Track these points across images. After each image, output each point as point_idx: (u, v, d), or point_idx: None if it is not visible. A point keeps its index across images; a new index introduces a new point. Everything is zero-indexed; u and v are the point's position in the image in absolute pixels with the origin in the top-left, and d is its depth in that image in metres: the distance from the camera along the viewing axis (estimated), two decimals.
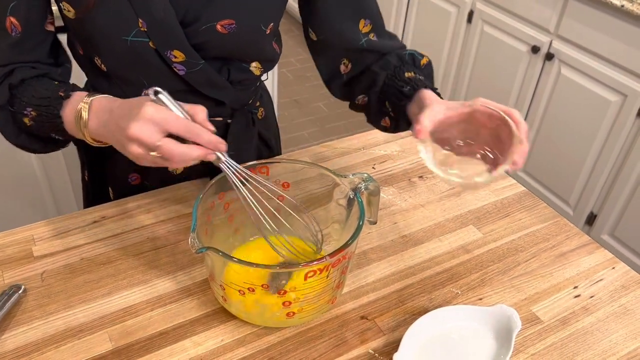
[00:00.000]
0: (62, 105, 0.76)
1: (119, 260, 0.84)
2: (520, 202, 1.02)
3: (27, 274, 0.81)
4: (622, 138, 2.04)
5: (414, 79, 0.84)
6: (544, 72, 2.26)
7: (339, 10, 0.89)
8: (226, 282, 0.71)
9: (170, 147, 0.65)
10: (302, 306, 0.72)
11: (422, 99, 0.79)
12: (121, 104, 0.70)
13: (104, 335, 0.73)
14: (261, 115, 1.04)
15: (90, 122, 0.72)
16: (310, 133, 3.01)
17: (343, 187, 0.79)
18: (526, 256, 0.91)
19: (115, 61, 0.84)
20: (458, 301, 0.82)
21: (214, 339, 0.74)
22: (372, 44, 0.92)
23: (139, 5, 0.78)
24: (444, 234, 0.94)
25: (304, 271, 0.67)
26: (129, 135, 0.65)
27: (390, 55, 0.91)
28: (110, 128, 0.69)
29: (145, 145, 0.65)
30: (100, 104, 0.73)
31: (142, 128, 0.64)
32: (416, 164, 1.10)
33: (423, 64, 0.91)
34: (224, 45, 0.84)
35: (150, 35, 0.80)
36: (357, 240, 0.71)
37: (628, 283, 0.87)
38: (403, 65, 0.89)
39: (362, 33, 0.91)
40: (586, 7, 2.04)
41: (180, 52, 0.82)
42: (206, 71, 0.86)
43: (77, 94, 0.76)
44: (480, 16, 2.48)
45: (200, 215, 0.71)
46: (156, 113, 0.65)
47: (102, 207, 0.94)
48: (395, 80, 0.87)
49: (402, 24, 2.94)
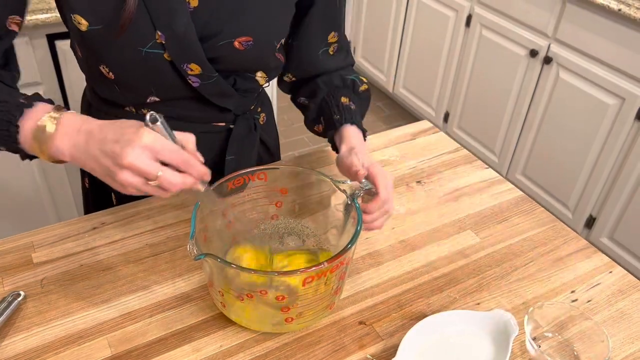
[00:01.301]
0: (23, 113, 0.67)
1: (119, 267, 0.85)
2: (518, 207, 1.02)
3: (26, 281, 0.82)
4: (620, 141, 2.04)
5: (345, 108, 0.91)
6: (542, 75, 2.27)
7: (318, 25, 0.93)
8: (225, 288, 0.71)
9: (170, 178, 0.62)
10: (300, 311, 0.72)
11: (343, 134, 0.88)
12: (102, 125, 0.64)
13: (104, 342, 0.74)
14: (263, 121, 1.06)
15: (59, 141, 0.65)
16: (310, 137, 3.01)
17: (340, 193, 0.80)
18: (524, 260, 0.91)
19: (125, 70, 0.82)
20: (456, 306, 0.82)
21: (213, 344, 0.74)
22: (324, 56, 0.96)
23: (160, 19, 0.77)
24: (441, 239, 0.94)
25: (302, 277, 0.68)
26: (124, 164, 0.60)
27: (335, 75, 0.97)
28: (91, 152, 0.63)
29: (143, 175, 0.61)
30: (71, 122, 0.66)
31: (139, 156, 0.60)
32: (414, 169, 1.10)
33: (362, 90, 0.97)
34: (238, 60, 0.85)
35: (168, 48, 0.79)
36: (355, 245, 0.72)
37: (625, 287, 0.87)
38: (343, 88, 0.96)
39: (327, 42, 0.95)
40: (584, 11, 2.05)
41: (197, 66, 0.82)
42: (219, 83, 0.86)
43: (41, 104, 0.68)
44: (478, 20, 2.49)
45: (198, 222, 0.72)
46: (155, 141, 0.61)
47: (102, 214, 0.94)
48: (331, 99, 0.94)
49: (400, 28, 2.94)
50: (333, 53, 0.97)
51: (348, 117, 0.90)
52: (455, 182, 1.07)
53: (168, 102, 0.88)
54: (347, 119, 0.90)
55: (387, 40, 3.06)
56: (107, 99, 0.90)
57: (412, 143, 1.18)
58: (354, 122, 0.90)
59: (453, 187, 1.06)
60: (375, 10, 3.09)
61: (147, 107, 0.89)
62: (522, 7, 2.28)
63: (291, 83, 1.02)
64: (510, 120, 2.48)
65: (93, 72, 0.86)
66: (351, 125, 0.89)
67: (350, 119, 0.90)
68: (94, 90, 0.93)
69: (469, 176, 1.09)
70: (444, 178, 1.08)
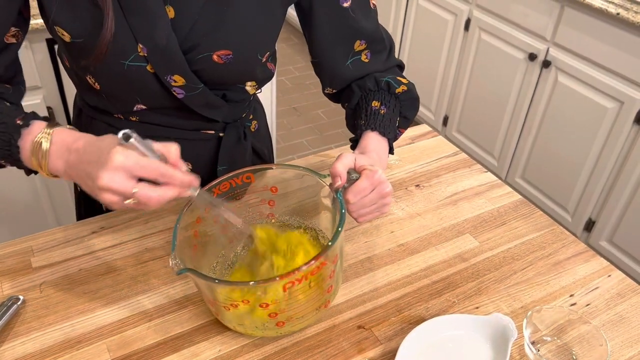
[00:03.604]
0: (21, 135, 0.70)
1: (118, 271, 0.85)
2: (517, 211, 1.03)
3: (25, 285, 0.82)
4: (619, 144, 2.04)
5: (372, 113, 0.90)
6: (541, 79, 2.27)
7: (332, 39, 0.91)
8: (212, 299, 0.71)
9: (146, 193, 0.63)
10: (290, 315, 0.71)
11: (361, 140, 0.88)
12: (87, 145, 0.67)
13: (102, 346, 0.74)
14: (254, 128, 1.05)
15: (54, 161, 0.69)
16: (309, 140, 3.02)
17: (327, 187, 0.78)
18: (522, 264, 0.91)
19: (110, 82, 0.83)
20: (454, 310, 0.82)
21: (211, 349, 0.74)
22: (356, 65, 0.94)
23: (140, 31, 0.77)
24: (440, 243, 0.94)
25: (281, 284, 0.66)
26: (100, 186, 0.62)
27: (369, 78, 0.94)
28: (79, 173, 0.67)
29: (120, 194, 0.63)
30: (61, 140, 0.69)
31: (113, 178, 0.62)
32: (413, 172, 1.11)
33: (399, 92, 0.93)
34: (218, 74, 0.84)
35: (151, 60, 0.79)
36: (337, 243, 0.69)
37: (624, 291, 0.87)
38: (376, 92, 0.93)
39: (355, 51, 0.93)
40: (582, 15, 2.05)
41: (181, 77, 0.82)
42: (205, 94, 0.86)
43: (37, 123, 0.71)
44: (477, 24, 2.50)
45: (184, 232, 0.72)
46: (126, 160, 0.62)
47: (101, 218, 0.95)
48: (363, 103, 0.92)
49: (400, 32, 2.95)
50: (367, 60, 0.94)
51: (372, 122, 0.88)
52: (454, 186, 1.08)
53: (156, 110, 0.88)
54: (369, 124, 0.88)
55: None
56: (96, 107, 0.90)
57: (411, 147, 1.19)
58: (375, 129, 0.88)
59: (452, 191, 1.06)
60: None
61: (135, 115, 0.88)
62: (521, 11, 2.28)
63: (333, 95, 1.00)
64: (509, 124, 2.49)
65: (80, 81, 0.87)
66: (372, 132, 0.87)
67: (374, 125, 0.88)
68: (83, 99, 0.92)
69: (467, 180, 1.10)
70: (442, 182, 1.09)
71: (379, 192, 0.78)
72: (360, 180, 0.77)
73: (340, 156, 0.78)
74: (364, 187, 0.76)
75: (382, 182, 0.78)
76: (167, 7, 0.78)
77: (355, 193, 0.76)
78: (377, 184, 0.77)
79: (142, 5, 0.76)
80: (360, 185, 0.76)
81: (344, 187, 0.77)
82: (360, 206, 0.78)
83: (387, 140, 0.89)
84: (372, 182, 0.77)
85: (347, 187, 0.77)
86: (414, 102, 0.96)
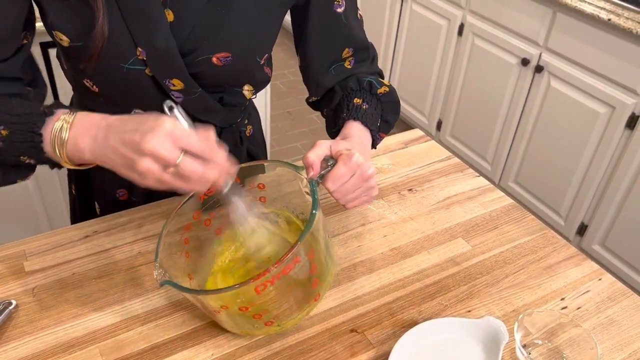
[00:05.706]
0: (45, 123, 0.69)
1: (111, 275, 0.85)
2: (509, 215, 1.03)
3: (18, 289, 0.82)
4: (611, 149, 2.06)
5: (354, 107, 0.88)
6: (534, 84, 2.29)
7: (323, 43, 0.92)
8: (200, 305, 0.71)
9: (190, 165, 0.61)
10: (275, 314, 0.70)
11: (343, 129, 0.86)
12: (124, 118, 0.65)
13: (95, 350, 0.74)
14: (249, 133, 1.05)
15: (80, 139, 0.67)
16: (304, 144, 3.02)
17: (305, 179, 0.76)
18: (514, 268, 0.92)
19: (108, 85, 0.83)
20: (447, 313, 0.83)
21: (204, 353, 0.75)
22: (338, 71, 0.95)
23: (140, 35, 0.77)
24: (433, 247, 0.95)
25: (252, 287, 0.64)
26: (145, 149, 0.59)
27: (352, 78, 0.94)
28: (110, 144, 0.63)
29: (163, 162, 0.60)
30: (87, 119, 0.68)
31: (161, 142, 0.59)
32: (406, 177, 1.11)
33: (381, 93, 0.93)
34: (217, 76, 0.85)
35: (150, 64, 0.79)
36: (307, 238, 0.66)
37: (614, 294, 0.88)
38: (358, 91, 0.92)
39: (342, 58, 0.94)
40: (574, 21, 2.07)
41: (179, 81, 0.82)
42: (203, 98, 0.86)
43: (60, 110, 0.70)
44: (470, 29, 2.51)
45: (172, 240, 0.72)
46: (175, 128, 0.60)
47: (94, 222, 0.95)
48: (344, 101, 0.91)
49: (393, 37, 2.96)
50: (350, 66, 0.95)
51: (354, 114, 0.86)
52: (446, 191, 1.08)
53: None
54: (351, 115, 0.86)
55: (380, 49, 3.08)
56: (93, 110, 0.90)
57: (403, 151, 1.19)
58: (357, 119, 0.86)
59: (444, 195, 1.07)
60: (369, 19, 3.11)
61: None
62: (514, 16, 2.30)
63: (314, 103, 1.01)
64: (503, 128, 2.50)
65: (78, 84, 0.87)
66: (354, 121, 0.85)
67: (356, 116, 0.86)
68: (80, 102, 0.93)
69: (460, 184, 1.10)
70: (435, 186, 1.09)
71: (360, 175, 0.75)
72: (337, 167, 0.74)
73: (315, 145, 0.76)
74: (342, 173, 0.74)
75: (360, 165, 0.75)
76: (166, 10, 0.78)
77: (334, 180, 0.74)
78: (356, 167, 0.75)
79: (141, 9, 0.76)
80: (338, 172, 0.74)
81: (320, 175, 0.75)
82: (344, 193, 0.76)
83: (369, 132, 0.87)
84: (349, 166, 0.74)
85: (324, 174, 0.75)
86: (395, 106, 0.96)
